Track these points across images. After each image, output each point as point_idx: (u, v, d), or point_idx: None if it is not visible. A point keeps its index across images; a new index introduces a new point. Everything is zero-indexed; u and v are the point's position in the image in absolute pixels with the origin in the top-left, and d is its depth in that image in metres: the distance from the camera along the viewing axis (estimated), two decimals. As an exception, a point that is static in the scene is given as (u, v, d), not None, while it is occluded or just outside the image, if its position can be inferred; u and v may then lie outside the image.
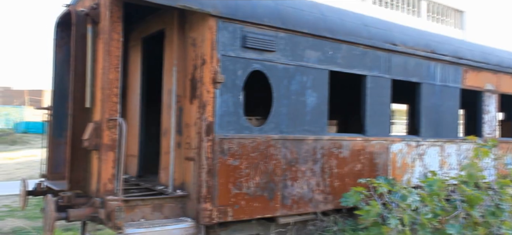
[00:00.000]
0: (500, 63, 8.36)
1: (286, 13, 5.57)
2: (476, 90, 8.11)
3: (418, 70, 7.07)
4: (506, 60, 8.55)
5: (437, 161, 7.26)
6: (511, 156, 8.52)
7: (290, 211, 5.48)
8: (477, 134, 8.20)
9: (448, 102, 7.53)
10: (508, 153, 8.51)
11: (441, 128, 7.43)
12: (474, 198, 4.95)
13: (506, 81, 8.55)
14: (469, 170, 5.51)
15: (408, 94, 7.93)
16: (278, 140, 5.40)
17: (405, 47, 6.84)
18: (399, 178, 6.66)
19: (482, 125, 8.19)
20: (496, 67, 8.27)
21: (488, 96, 8.22)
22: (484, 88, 8.15)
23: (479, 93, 8.17)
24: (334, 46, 6.02)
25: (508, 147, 8.60)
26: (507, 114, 10.29)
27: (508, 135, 9.26)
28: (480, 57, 8.06)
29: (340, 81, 7.40)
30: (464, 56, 7.79)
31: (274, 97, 5.43)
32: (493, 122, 8.40)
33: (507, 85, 8.59)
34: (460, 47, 7.94)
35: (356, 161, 6.18)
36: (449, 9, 47.39)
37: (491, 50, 8.57)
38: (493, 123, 8.37)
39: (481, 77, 8.09)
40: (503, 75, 8.47)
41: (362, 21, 6.65)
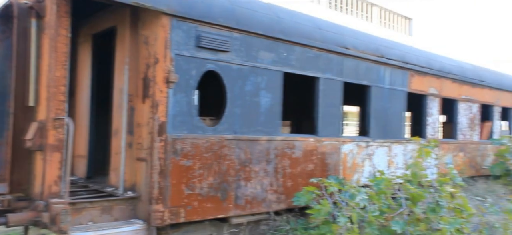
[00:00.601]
0: (442, 69, 8.85)
1: (241, 14, 5.59)
2: (421, 94, 8.52)
3: (368, 74, 7.32)
4: (447, 66, 9.05)
5: (385, 161, 7.55)
6: (451, 156, 9.03)
7: (243, 211, 5.50)
8: (421, 135, 8.62)
9: (396, 105, 7.86)
10: (449, 153, 9.01)
11: (389, 130, 7.74)
12: (417, 195, 5.20)
13: (447, 86, 9.05)
14: (413, 169, 5.78)
15: (359, 97, 8.20)
16: (231, 141, 5.40)
17: (357, 51, 7.07)
18: (349, 177, 6.87)
19: (425, 127, 8.62)
20: (439, 72, 8.74)
21: (431, 99, 8.66)
22: (428, 92, 8.58)
23: (424, 97, 8.59)
24: (288, 48, 6.11)
25: (448, 147, 9.11)
26: (448, 117, 10.89)
27: (449, 136, 9.80)
28: (425, 63, 8.48)
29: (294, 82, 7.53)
30: (411, 61, 8.16)
31: (228, 97, 5.43)
32: (436, 124, 8.86)
33: (448, 89, 9.09)
34: (407, 53, 8.31)
35: (308, 161, 6.30)
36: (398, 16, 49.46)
37: (434, 56, 9.03)
38: (435, 125, 8.83)
39: (426, 82, 8.51)
40: (445, 80, 8.96)
41: (316, 24, 6.80)
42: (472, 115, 9.87)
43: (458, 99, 9.44)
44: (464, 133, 9.66)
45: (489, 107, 10.79)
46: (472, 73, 9.85)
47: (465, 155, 9.56)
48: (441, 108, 9.12)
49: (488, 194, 7.86)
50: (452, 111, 9.69)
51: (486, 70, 10.78)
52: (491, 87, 10.54)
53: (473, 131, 9.94)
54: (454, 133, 9.56)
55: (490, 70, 11.05)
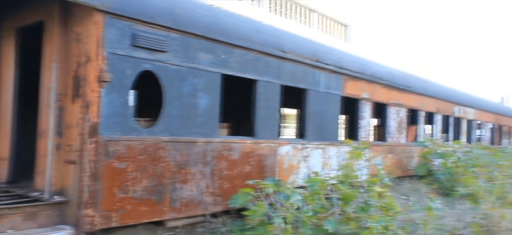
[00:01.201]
0: (374, 74, 9.32)
1: (179, 14, 5.51)
2: (354, 98, 8.91)
3: (305, 77, 7.53)
4: (379, 72, 9.56)
5: (320, 163, 7.81)
6: (381, 158, 9.54)
7: (179, 214, 5.42)
8: (354, 138, 9.04)
9: (331, 108, 8.15)
10: (379, 155, 9.52)
11: (324, 132, 8.01)
12: (348, 195, 5.44)
13: (378, 91, 9.55)
14: (345, 170, 6.04)
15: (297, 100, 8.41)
16: (168, 142, 5.31)
17: (294, 55, 7.24)
18: (286, 179, 7.01)
19: (358, 130, 9.03)
20: (371, 77, 9.20)
21: (364, 103, 9.10)
22: (361, 96, 9.00)
23: (357, 101, 9.00)
24: (227, 50, 6.13)
25: (379, 149, 9.62)
26: (379, 120, 11.49)
27: (380, 139, 10.34)
28: (359, 68, 8.89)
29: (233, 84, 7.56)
30: (345, 67, 8.51)
31: (165, 98, 5.33)
32: (368, 127, 9.32)
33: (379, 94, 9.60)
34: (342, 58, 8.66)
35: (246, 163, 6.36)
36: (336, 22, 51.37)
37: (367, 63, 9.50)
38: (367, 128, 9.28)
39: (359, 86, 8.92)
40: (376, 85, 9.45)
41: (255, 27, 6.88)
42: (400, 119, 10.49)
43: (388, 104, 10.00)
44: (393, 136, 10.24)
45: (415, 112, 11.54)
46: (401, 79, 10.48)
47: (393, 157, 10.14)
48: (373, 112, 9.61)
49: (413, 193, 8.40)
50: (383, 115, 10.25)
51: (413, 77, 11.52)
52: (417, 93, 11.28)
53: (401, 134, 10.56)
54: (384, 136, 10.11)
55: (416, 77, 11.81)
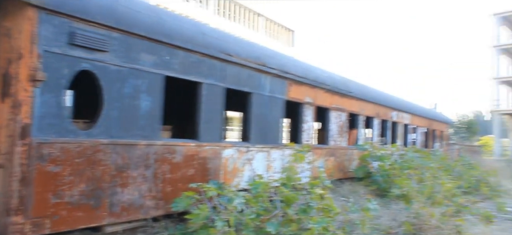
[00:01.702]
0: (317, 79, 9.60)
1: (121, 13, 5.35)
2: (298, 102, 9.12)
3: (250, 81, 7.59)
4: (321, 77, 9.86)
5: (264, 166, 7.90)
6: (323, 160, 9.83)
7: (118, 219, 5.25)
8: (297, 141, 9.24)
9: (275, 112, 8.28)
10: (321, 158, 9.80)
11: (268, 135, 8.12)
12: (290, 198, 5.55)
13: (321, 95, 9.85)
14: (288, 173, 6.16)
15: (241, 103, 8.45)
16: (107, 145, 5.13)
17: (239, 58, 7.28)
18: (229, 182, 7.02)
19: (301, 133, 9.25)
20: (314, 82, 9.46)
21: (307, 107, 9.34)
22: (304, 100, 9.23)
23: (300, 105, 9.22)
24: (171, 51, 6.04)
25: (321, 152, 9.91)
26: (322, 124, 11.83)
27: (322, 142, 10.65)
28: (302, 73, 9.11)
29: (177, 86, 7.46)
30: (289, 71, 8.68)
31: (105, 99, 5.15)
32: (311, 131, 9.57)
33: (322, 98, 9.90)
34: (286, 63, 8.83)
35: (189, 166, 6.29)
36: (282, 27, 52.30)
37: (310, 67, 9.76)
38: (310, 132, 9.53)
39: (302, 91, 9.14)
40: (319, 90, 9.74)
41: (200, 29, 6.83)
42: (341, 123, 10.88)
43: (330, 108, 10.33)
44: (334, 139, 10.59)
45: (356, 116, 12.02)
46: (342, 85, 10.87)
47: (335, 160, 10.49)
48: (315, 116, 9.88)
49: (352, 195, 8.74)
50: (325, 119, 10.57)
51: (353, 82, 11.99)
52: (358, 98, 11.76)
53: (342, 138, 10.95)
54: (326, 139, 10.43)
55: (356, 82, 12.30)
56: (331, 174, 9.91)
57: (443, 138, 21.84)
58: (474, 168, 14.26)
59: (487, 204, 10.42)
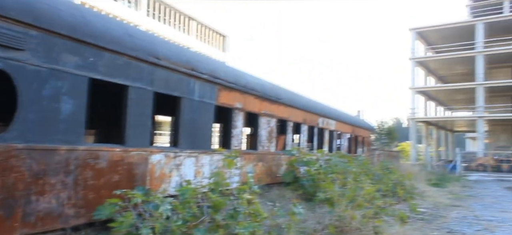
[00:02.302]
0: (247, 85, 9.74)
1: (41, 10, 5.04)
2: (228, 107, 9.17)
3: (180, 85, 7.50)
4: (251, 83, 10.01)
5: (192, 171, 7.83)
6: (252, 165, 9.97)
7: (33, 229, 4.91)
8: (227, 146, 9.29)
9: (205, 117, 8.26)
10: (250, 163, 9.93)
11: (198, 140, 8.07)
12: (218, 203, 5.56)
13: (251, 101, 10.00)
14: (216, 178, 6.16)
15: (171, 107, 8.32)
16: (22, 150, 4.79)
17: (169, 62, 7.17)
18: (157, 188, 6.87)
19: (231, 138, 9.31)
20: (244, 88, 9.58)
21: (237, 113, 9.42)
22: (234, 106, 9.31)
23: (230, 110, 9.28)
24: (96, 53, 5.79)
25: (251, 157, 10.04)
26: (251, 130, 12.00)
27: (252, 147, 10.80)
28: (232, 79, 9.18)
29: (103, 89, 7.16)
30: (220, 76, 8.71)
31: (21, 101, 4.81)
32: (240, 136, 9.66)
33: (251, 104, 10.05)
34: (217, 68, 8.85)
35: (114, 172, 6.06)
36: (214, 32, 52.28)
37: (241, 73, 9.87)
38: (240, 137, 9.62)
39: (232, 96, 9.21)
40: (249, 96, 9.88)
41: (127, 31, 6.63)
42: (270, 129, 11.11)
43: (259, 114, 10.52)
44: (264, 144, 10.79)
45: (285, 122, 12.35)
46: (271, 91, 11.12)
47: (264, 165, 10.68)
48: (245, 121, 10.00)
49: (279, 199, 8.95)
50: (255, 124, 10.73)
51: (283, 89, 12.32)
52: (287, 105, 12.09)
53: (271, 143, 11.19)
54: (255, 145, 10.59)
55: (285, 89, 12.65)
56: (260, 179, 10.08)
57: (366, 144, 23.14)
58: (393, 172, 15.27)
59: (402, 206, 11.21)
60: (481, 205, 13.40)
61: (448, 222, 9.79)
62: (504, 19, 43.63)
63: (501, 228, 9.24)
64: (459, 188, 19.87)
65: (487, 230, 8.95)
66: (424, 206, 12.03)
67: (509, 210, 12.47)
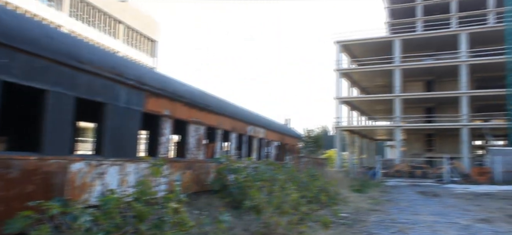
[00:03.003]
0: (176, 92, 9.61)
1: None
2: (156, 114, 8.98)
3: (104, 91, 7.21)
4: (180, 90, 9.90)
5: (117, 180, 7.54)
6: (180, 174, 9.83)
7: None
8: (154, 154, 9.08)
9: (131, 124, 8.00)
10: (178, 171, 9.79)
11: (123, 148, 7.79)
12: (143, 213, 5.41)
13: (179, 108, 9.88)
14: (142, 187, 6.00)
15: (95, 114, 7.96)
16: None
17: (93, 67, 6.86)
18: (77, 198, 6.51)
19: (159, 146, 9.11)
20: (173, 95, 9.44)
21: (165, 120, 9.25)
22: (162, 113, 9.13)
23: (158, 117, 9.09)
24: (10, 54, 5.39)
25: (179, 165, 9.90)
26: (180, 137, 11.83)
27: (180, 155, 10.65)
28: (161, 85, 9.01)
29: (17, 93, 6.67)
30: (148, 83, 8.51)
31: None
32: (168, 144, 9.49)
33: (180, 111, 9.93)
34: (144, 74, 8.64)
35: (28, 182, 5.65)
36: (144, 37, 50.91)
37: (169, 80, 9.72)
38: (168, 145, 9.45)
39: (160, 103, 9.04)
40: (178, 103, 9.75)
41: (46, 32, 6.25)
42: (199, 136, 11.05)
43: (188, 121, 10.42)
44: (192, 152, 10.69)
45: (214, 130, 12.34)
46: (201, 99, 11.07)
47: (192, 173, 10.57)
48: (174, 129, 9.85)
49: (207, 207, 8.92)
50: (183, 132, 10.60)
51: (212, 97, 12.32)
52: (216, 112, 12.11)
53: (200, 151, 11.12)
54: (184, 152, 10.46)
55: (215, 97, 12.67)
56: (187, 187, 9.96)
57: (294, 152, 23.83)
58: (318, 179, 15.88)
59: (326, 211, 11.71)
60: (397, 209, 14.39)
61: (367, 225, 10.39)
62: (418, 36, 47.55)
63: (413, 230, 10.00)
64: (378, 193, 21.17)
65: (401, 232, 9.63)
66: (346, 211, 12.66)
67: (421, 212, 13.54)
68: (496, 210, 14.61)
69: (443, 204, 16.40)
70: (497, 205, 16.29)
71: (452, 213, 13.36)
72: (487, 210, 14.42)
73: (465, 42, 44.25)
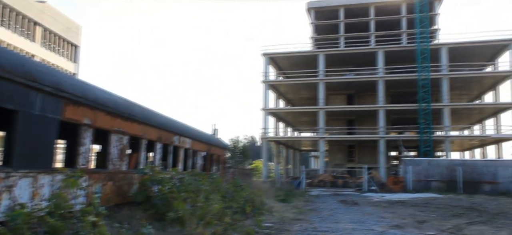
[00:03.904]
0: (97, 100, 9.20)
1: None
2: (75, 123, 8.51)
3: (16, 97, 6.71)
4: (102, 98, 9.49)
5: (28, 193, 7.01)
6: (101, 185, 9.39)
7: None
8: (73, 165, 8.59)
9: (46, 133, 7.51)
10: (99, 183, 9.34)
11: (37, 158, 7.27)
12: (57, 227, 5.10)
13: (101, 117, 9.46)
14: (57, 200, 5.65)
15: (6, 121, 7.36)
16: None
17: (2, 71, 6.36)
18: (-20, 214, 5.95)
19: (78, 156, 8.64)
20: (94, 103, 9.03)
21: (85, 129, 8.80)
22: (82, 121, 8.69)
23: (78, 126, 8.62)
24: None
25: (99, 177, 9.45)
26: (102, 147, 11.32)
27: (102, 165, 10.18)
28: (81, 93, 8.58)
29: None
30: (66, 90, 8.06)
31: None
32: (89, 154, 9.03)
33: (102, 120, 9.52)
34: (63, 80, 8.17)
35: None
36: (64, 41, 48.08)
37: (90, 87, 9.29)
38: (88, 155, 8.99)
39: (80, 111, 8.59)
40: (100, 112, 9.34)
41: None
42: (122, 146, 10.65)
43: (111, 131, 10.00)
44: (115, 163, 10.27)
45: (138, 140, 11.97)
46: (125, 107, 10.71)
47: (114, 184, 10.14)
48: (95, 138, 9.39)
49: (129, 220, 8.60)
50: (105, 141, 10.15)
51: (137, 106, 11.97)
52: (141, 122, 11.77)
53: (123, 161, 10.72)
54: (105, 163, 10.01)
55: (140, 106, 12.33)
56: (109, 199, 9.54)
57: (221, 162, 23.84)
58: (244, 190, 16.01)
59: (251, 221, 11.84)
60: (319, 218, 14.96)
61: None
62: (340, 52, 50.24)
63: (333, 237, 10.46)
64: (302, 202, 21.85)
65: (322, 239, 10.03)
66: (271, 221, 12.90)
67: (341, 221, 14.21)
68: (408, 216, 15.77)
69: (362, 212, 17.35)
70: (409, 212, 17.60)
71: (369, 221, 14.18)
72: (400, 217, 15.51)
73: (382, 59, 47.59)
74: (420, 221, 14.20)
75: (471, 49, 47.03)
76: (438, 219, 15.00)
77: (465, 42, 46.29)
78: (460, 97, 54.04)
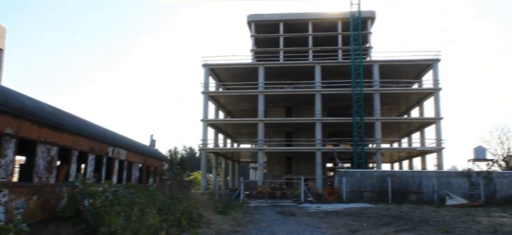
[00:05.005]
0: (22, 109, 8.57)
1: None
2: (-5, 133, 7.86)
3: None
4: (28, 106, 8.86)
5: None
6: (24, 200, 8.73)
7: None
8: (-9, 178, 7.89)
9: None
10: (22, 197, 8.67)
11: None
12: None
13: (26, 127, 8.82)
14: (-29, 218, 5.15)
15: None
16: None
17: None
18: None
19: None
20: (18, 112, 8.40)
21: (7, 139, 8.15)
22: (4, 131, 8.04)
23: (-1, 136, 7.97)
24: None
25: (23, 191, 8.77)
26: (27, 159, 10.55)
27: (26, 179, 9.48)
28: (2, 100, 7.95)
29: None
30: (-14, 96, 7.43)
31: None
32: (11, 166, 8.36)
33: (27, 130, 8.87)
34: (-18, 86, 7.53)
35: None
36: (-12, 42, 44.57)
37: (14, 94, 8.64)
38: (10, 167, 8.32)
39: (2, 121, 7.95)
40: (24, 121, 8.70)
41: None
42: (50, 158, 10.00)
43: (37, 141, 9.35)
44: (41, 175, 9.60)
45: (69, 151, 11.31)
46: (53, 116, 10.08)
47: (40, 198, 9.47)
48: (18, 149, 8.72)
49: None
50: (31, 153, 9.47)
51: (67, 115, 11.33)
52: (72, 132, 11.14)
53: (51, 174, 10.05)
54: (31, 176, 9.32)
55: (71, 115, 11.68)
56: (33, 215, 8.89)
57: (158, 174, 23.20)
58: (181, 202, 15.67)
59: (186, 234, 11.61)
60: (257, 229, 15.01)
61: (228, 247, 10.59)
62: (279, 65, 51.35)
63: (270, 248, 10.52)
64: (241, 214, 21.82)
65: (259, 251, 10.05)
66: (208, 234, 12.73)
67: (279, 232, 14.36)
68: (342, 226, 16.31)
69: (299, 223, 17.67)
70: (343, 222, 18.21)
71: (305, 231, 14.47)
72: (334, 227, 15.99)
73: (319, 74, 49.29)
74: (353, 230, 14.74)
75: (400, 67, 50.22)
76: (369, 228, 15.65)
77: (394, 60, 49.38)
78: (390, 112, 57.35)
